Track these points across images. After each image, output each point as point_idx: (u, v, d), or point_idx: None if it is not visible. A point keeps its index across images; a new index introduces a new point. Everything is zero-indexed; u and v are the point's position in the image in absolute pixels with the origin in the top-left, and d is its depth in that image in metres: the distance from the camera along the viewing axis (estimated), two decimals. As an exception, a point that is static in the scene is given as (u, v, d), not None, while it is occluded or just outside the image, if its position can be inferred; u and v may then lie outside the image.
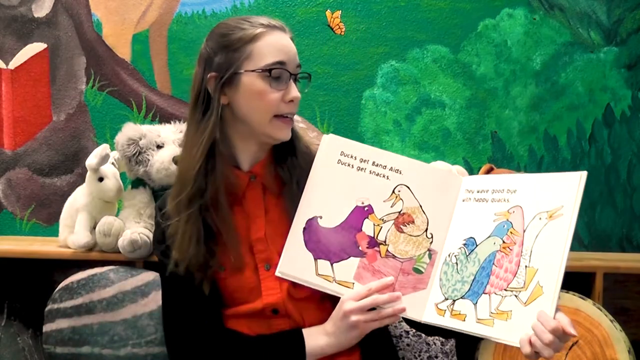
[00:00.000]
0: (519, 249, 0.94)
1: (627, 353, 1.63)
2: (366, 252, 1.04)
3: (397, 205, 1.05)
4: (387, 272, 1.03)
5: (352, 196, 1.05)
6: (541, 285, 0.91)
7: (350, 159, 1.07)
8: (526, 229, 0.95)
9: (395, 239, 1.04)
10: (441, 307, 1.00)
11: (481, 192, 1.02)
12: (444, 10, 2.13)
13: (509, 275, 0.94)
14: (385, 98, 2.14)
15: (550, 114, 2.13)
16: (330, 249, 1.04)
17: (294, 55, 1.10)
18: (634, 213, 2.11)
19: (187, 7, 2.16)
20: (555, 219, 0.92)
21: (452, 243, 1.03)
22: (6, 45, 2.16)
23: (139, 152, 1.71)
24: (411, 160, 1.08)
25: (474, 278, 0.98)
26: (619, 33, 2.12)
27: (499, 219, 0.99)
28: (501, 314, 0.93)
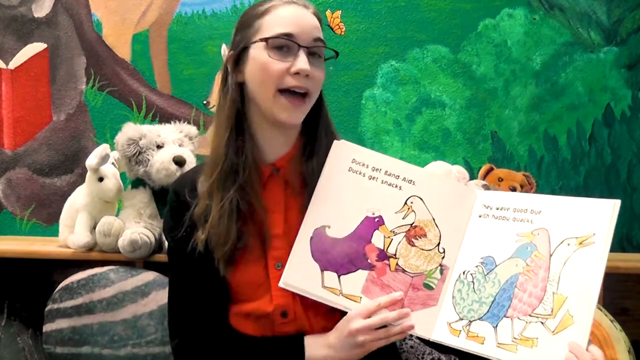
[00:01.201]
0: (544, 273, 0.91)
1: (627, 353, 1.63)
2: (375, 265, 0.99)
3: (409, 218, 1.01)
4: (396, 287, 0.98)
5: (363, 206, 1.01)
6: (571, 314, 0.88)
7: (362, 167, 1.02)
8: (553, 253, 0.92)
9: (406, 252, 1.00)
10: (455, 326, 0.96)
11: (501, 210, 0.99)
12: (444, 10, 2.13)
13: (534, 300, 0.91)
14: (385, 98, 2.14)
15: (550, 114, 2.13)
16: (337, 261, 1.00)
17: (308, 28, 1.03)
18: (634, 213, 2.11)
19: (187, 7, 2.16)
20: (585, 246, 0.90)
21: (467, 260, 0.99)
22: (6, 45, 2.16)
23: (139, 152, 1.71)
24: (425, 171, 1.06)
25: (494, 300, 0.94)
26: (619, 33, 2.12)
27: (521, 240, 0.95)
28: (526, 340, 0.90)
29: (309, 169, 1.07)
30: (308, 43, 1.03)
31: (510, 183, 1.89)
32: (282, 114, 1.03)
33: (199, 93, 2.15)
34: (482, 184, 1.83)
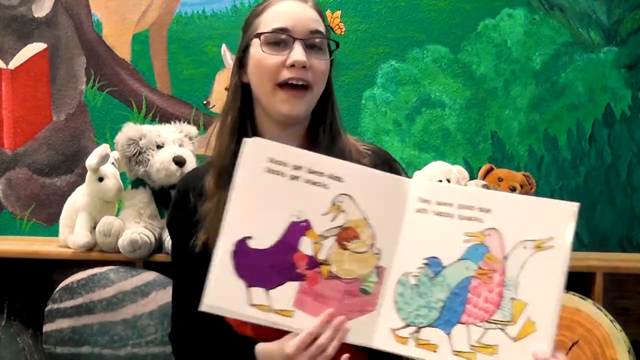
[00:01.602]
0: (500, 278, 0.86)
1: (627, 353, 1.63)
2: (306, 274, 0.89)
3: (339, 219, 0.90)
4: (330, 295, 0.89)
5: (286, 210, 0.89)
6: (533, 321, 0.84)
7: (282, 167, 0.90)
8: (507, 256, 0.86)
9: (338, 257, 0.90)
10: (401, 334, 0.89)
11: (443, 205, 0.90)
12: (444, 10, 2.13)
13: (490, 306, 0.86)
14: (385, 98, 2.14)
15: (550, 114, 2.13)
16: (264, 274, 0.89)
17: (304, 20, 1.03)
18: (634, 213, 2.11)
19: (187, 7, 2.16)
20: (544, 250, 0.85)
21: (407, 260, 0.91)
22: (6, 45, 2.16)
23: (139, 152, 1.71)
24: (353, 165, 0.94)
25: (445, 305, 0.88)
26: (619, 33, 2.12)
27: (471, 240, 0.88)
28: (485, 347, 0.85)
29: None
30: (304, 35, 1.03)
31: (510, 183, 1.89)
32: (282, 106, 1.03)
33: (199, 93, 2.15)
34: (482, 184, 1.83)
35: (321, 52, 1.05)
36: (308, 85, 1.03)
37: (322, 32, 1.05)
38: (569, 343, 1.68)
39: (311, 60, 1.02)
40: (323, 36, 1.05)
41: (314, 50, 1.04)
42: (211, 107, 2.15)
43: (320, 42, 1.05)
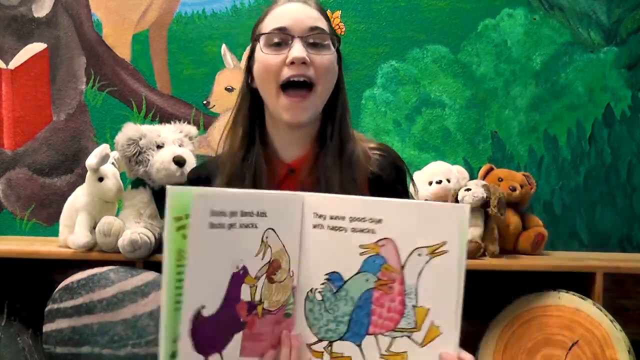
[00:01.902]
0: (400, 287, 0.86)
1: (627, 353, 1.63)
2: (247, 320, 0.86)
3: (267, 255, 0.87)
4: (265, 331, 0.88)
5: (228, 263, 0.83)
6: (437, 325, 0.85)
7: (222, 217, 0.81)
8: (404, 265, 0.86)
9: (268, 292, 0.88)
10: (316, 349, 0.89)
11: (336, 219, 0.88)
12: (444, 10, 2.13)
13: (395, 315, 0.86)
14: (385, 98, 2.14)
15: (550, 114, 2.13)
16: (216, 339, 0.84)
17: (303, 18, 1.02)
18: (634, 213, 2.11)
19: (187, 7, 2.16)
20: (438, 255, 0.84)
21: (312, 277, 0.90)
22: (6, 45, 2.16)
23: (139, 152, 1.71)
24: (270, 196, 0.91)
25: (351, 318, 0.88)
26: (619, 33, 2.12)
27: (366, 252, 0.87)
28: (395, 355, 0.86)
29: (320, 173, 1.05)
30: (302, 32, 1.02)
31: (510, 183, 1.89)
32: (285, 114, 1.02)
33: (199, 93, 2.16)
34: (482, 183, 1.83)
35: (323, 48, 1.04)
36: (312, 84, 1.02)
37: (322, 29, 1.04)
38: (569, 343, 1.68)
39: (312, 57, 1.02)
40: (323, 32, 1.04)
41: (315, 47, 1.03)
42: (211, 107, 2.15)
43: (321, 39, 1.04)
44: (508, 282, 1.84)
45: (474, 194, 1.78)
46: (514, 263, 1.75)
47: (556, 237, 2.09)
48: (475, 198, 1.77)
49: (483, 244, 1.76)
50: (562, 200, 2.12)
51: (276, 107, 1.03)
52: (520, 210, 1.94)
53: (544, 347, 1.70)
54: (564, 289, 1.72)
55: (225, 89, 2.15)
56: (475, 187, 1.80)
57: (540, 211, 2.10)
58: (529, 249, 1.88)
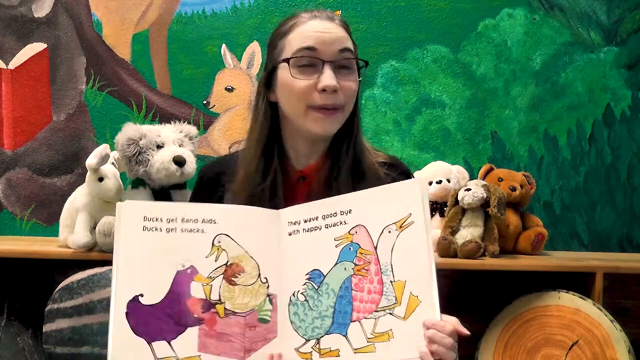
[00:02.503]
0: (375, 267, 0.92)
1: (627, 353, 1.63)
2: (203, 317, 0.93)
3: (222, 258, 0.95)
4: (232, 332, 0.93)
5: (170, 262, 0.94)
6: (415, 295, 0.89)
7: (157, 222, 0.95)
8: (377, 245, 0.92)
9: (230, 294, 0.94)
10: (304, 350, 0.93)
11: (309, 221, 0.96)
12: (444, 10, 2.13)
13: (375, 295, 0.91)
14: (385, 98, 2.14)
15: (550, 114, 2.13)
16: (163, 327, 0.92)
17: (332, 40, 1.02)
18: (634, 213, 2.11)
19: (187, 7, 2.16)
20: (406, 228, 0.92)
21: (293, 281, 0.95)
22: (6, 45, 2.16)
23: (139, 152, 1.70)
24: (222, 206, 1.01)
25: (335, 310, 0.93)
26: (619, 33, 2.12)
27: (341, 243, 0.94)
28: (381, 335, 0.90)
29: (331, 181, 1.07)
30: (332, 56, 1.02)
31: (510, 183, 1.89)
32: (316, 127, 1.04)
33: (199, 93, 2.16)
34: (482, 184, 1.83)
35: (350, 72, 1.04)
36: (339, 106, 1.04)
37: (351, 50, 1.04)
38: (569, 343, 1.68)
39: (341, 82, 1.02)
40: (352, 55, 1.04)
41: (343, 70, 1.03)
42: (211, 107, 2.15)
43: (349, 62, 1.04)
44: (508, 282, 1.84)
45: (474, 194, 1.78)
46: (514, 263, 1.75)
47: (556, 237, 2.09)
48: (475, 198, 1.77)
49: (483, 244, 1.76)
50: (562, 200, 2.12)
51: (305, 122, 1.04)
52: (520, 210, 1.94)
53: (544, 347, 1.70)
54: (564, 289, 1.72)
55: (225, 89, 2.15)
56: (475, 187, 1.80)
57: (540, 211, 2.10)
58: (529, 249, 1.88)
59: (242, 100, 2.15)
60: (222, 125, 2.15)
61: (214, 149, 2.15)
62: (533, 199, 2.04)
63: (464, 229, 1.79)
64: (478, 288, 1.97)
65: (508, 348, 1.73)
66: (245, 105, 2.15)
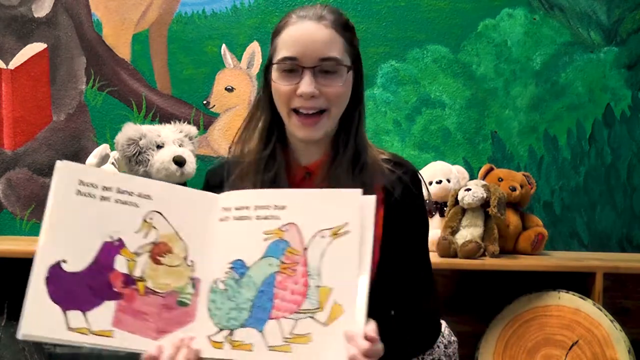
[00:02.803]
0: (303, 268, 0.89)
1: (627, 353, 1.63)
2: (123, 292, 0.91)
3: (151, 235, 0.93)
4: (148, 311, 0.91)
5: (99, 231, 0.92)
6: (340, 303, 0.87)
7: (91, 188, 0.93)
8: (307, 247, 0.90)
9: (153, 272, 0.92)
10: (217, 339, 0.91)
11: (241, 210, 0.94)
12: (444, 10, 2.13)
13: (298, 296, 0.89)
14: (385, 98, 2.14)
15: (550, 114, 2.13)
16: (80, 297, 0.90)
17: (314, 46, 1.01)
18: (634, 213, 2.11)
19: (187, 7, 2.16)
20: (341, 236, 0.89)
21: (216, 268, 0.93)
22: (6, 45, 2.16)
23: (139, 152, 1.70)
24: (160, 183, 0.97)
25: (253, 304, 0.91)
26: (619, 33, 2.12)
27: (270, 237, 0.92)
28: (299, 337, 0.88)
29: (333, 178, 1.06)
30: (312, 63, 1.01)
31: (510, 183, 1.89)
32: (297, 132, 1.04)
33: (199, 93, 2.15)
34: (482, 183, 1.83)
35: (334, 76, 1.03)
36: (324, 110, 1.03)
37: (333, 57, 1.02)
38: (569, 343, 1.68)
39: (322, 88, 1.01)
40: (335, 61, 1.02)
41: (326, 75, 1.02)
42: (211, 107, 2.15)
43: (332, 67, 1.02)
44: (508, 282, 1.84)
45: (474, 194, 1.78)
46: (514, 263, 1.75)
47: (556, 237, 2.09)
48: (475, 198, 1.77)
49: (483, 244, 1.76)
50: (562, 200, 2.12)
51: (289, 125, 1.05)
52: (520, 210, 1.94)
53: (544, 347, 1.70)
54: (564, 289, 1.72)
55: (225, 88, 2.15)
56: (475, 187, 1.80)
57: (540, 211, 2.10)
58: (529, 249, 1.88)
59: (242, 100, 2.15)
60: (222, 125, 2.15)
61: (214, 149, 2.15)
62: (533, 199, 2.04)
63: (464, 229, 1.79)
64: (478, 288, 1.97)
65: (508, 348, 1.73)
66: (245, 105, 2.15)
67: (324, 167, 1.08)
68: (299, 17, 1.04)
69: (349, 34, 1.07)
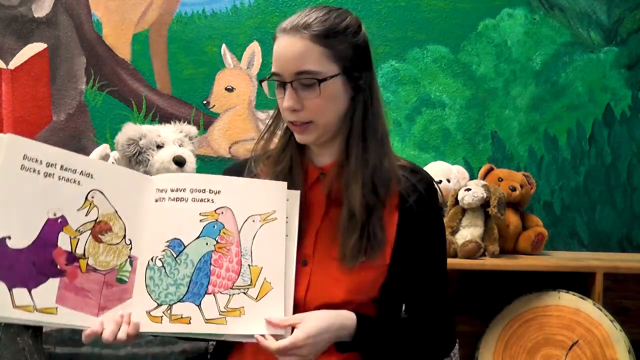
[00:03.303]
0: (237, 249, 0.98)
1: (627, 353, 1.63)
2: (66, 269, 0.93)
3: (92, 213, 0.96)
4: (90, 288, 0.94)
5: (43, 207, 0.93)
6: (269, 281, 0.97)
7: (36, 164, 0.93)
8: (240, 230, 0.99)
9: (94, 250, 0.96)
10: (155, 314, 0.95)
11: (177, 191, 0.99)
12: (444, 10, 2.13)
13: (232, 274, 0.97)
14: (385, 98, 2.14)
15: (550, 114, 2.13)
16: (25, 274, 0.90)
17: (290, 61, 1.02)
18: (634, 213, 2.11)
19: (187, 7, 2.16)
20: (269, 222, 0.99)
21: (154, 246, 0.98)
22: (6, 45, 2.16)
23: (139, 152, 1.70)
24: (102, 163, 1.03)
25: (191, 280, 0.96)
26: (619, 33, 2.12)
27: (206, 219, 0.98)
28: (233, 311, 0.95)
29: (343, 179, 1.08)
30: (291, 77, 1.03)
31: (510, 183, 1.89)
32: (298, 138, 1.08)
33: (199, 93, 2.16)
34: (482, 183, 1.83)
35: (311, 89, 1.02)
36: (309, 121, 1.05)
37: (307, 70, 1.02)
38: (569, 343, 1.68)
39: (304, 101, 1.03)
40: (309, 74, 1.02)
41: (305, 88, 1.03)
42: (211, 107, 2.15)
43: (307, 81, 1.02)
44: (508, 282, 1.84)
45: (474, 194, 1.78)
46: (514, 263, 1.75)
47: (556, 237, 2.09)
48: (475, 198, 1.77)
49: (483, 244, 1.76)
50: (562, 200, 2.12)
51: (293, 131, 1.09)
52: (520, 210, 1.94)
53: (544, 347, 1.70)
54: (564, 289, 1.72)
55: (225, 89, 2.15)
56: (475, 187, 1.80)
57: (540, 211, 2.10)
58: (529, 249, 1.88)
59: (242, 100, 2.15)
60: (222, 125, 2.15)
61: (214, 149, 2.15)
62: (533, 199, 2.04)
63: (464, 229, 1.79)
64: (478, 288, 1.97)
65: (508, 348, 1.73)
66: (245, 105, 2.15)
67: (336, 169, 1.09)
68: (280, 30, 1.05)
69: (333, 40, 1.03)
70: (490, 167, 1.96)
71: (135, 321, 0.94)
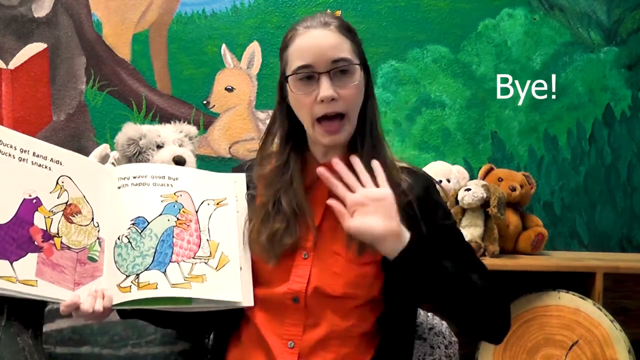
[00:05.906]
0: (196, 225, 1.09)
1: (627, 353, 1.63)
2: (42, 246, 1.03)
3: (63, 196, 1.06)
4: (65, 264, 1.04)
5: (19, 188, 1.03)
6: (226, 254, 1.08)
7: (11, 149, 1.04)
8: (198, 210, 1.10)
9: (67, 230, 1.05)
10: (124, 284, 1.03)
11: (139, 178, 1.10)
12: (444, 10, 2.13)
13: (193, 246, 1.08)
14: (385, 98, 2.14)
15: (550, 114, 2.13)
16: (7, 247, 1.00)
17: (325, 51, 1.05)
18: (634, 213, 2.11)
19: (187, 7, 2.16)
20: (222, 206, 1.12)
21: (119, 226, 1.07)
22: (6, 45, 2.16)
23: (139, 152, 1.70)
24: (69, 152, 1.11)
25: (156, 250, 1.05)
26: (619, 33, 2.12)
27: (167, 200, 1.09)
28: (196, 277, 1.05)
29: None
30: (327, 67, 1.05)
31: (510, 183, 1.89)
32: (322, 139, 1.08)
33: (198, 93, 2.16)
34: (482, 183, 1.83)
35: (349, 77, 1.06)
36: (343, 114, 1.06)
37: (345, 58, 1.06)
38: (569, 343, 1.68)
39: (339, 90, 1.05)
40: (347, 62, 1.06)
41: (341, 77, 1.06)
42: (211, 107, 2.15)
43: (346, 68, 1.06)
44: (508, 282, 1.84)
45: (474, 194, 1.78)
46: (514, 263, 1.75)
47: (556, 237, 2.09)
48: (475, 198, 1.77)
49: (483, 244, 1.76)
50: (562, 200, 2.12)
51: (314, 134, 1.09)
52: (520, 210, 1.94)
53: (544, 347, 1.71)
54: (564, 289, 1.72)
55: (225, 88, 2.15)
56: (475, 187, 1.80)
57: (540, 211, 2.10)
58: (529, 249, 1.88)
59: (242, 100, 2.15)
60: (222, 125, 2.16)
61: (214, 149, 2.15)
62: (533, 199, 2.04)
63: (464, 229, 1.79)
64: (478, 288, 1.97)
65: (508, 348, 1.73)
66: (245, 105, 2.15)
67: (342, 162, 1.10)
68: (305, 27, 1.08)
69: (354, 36, 1.11)
70: (490, 167, 1.96)
71: (108, 294, 1.02)
